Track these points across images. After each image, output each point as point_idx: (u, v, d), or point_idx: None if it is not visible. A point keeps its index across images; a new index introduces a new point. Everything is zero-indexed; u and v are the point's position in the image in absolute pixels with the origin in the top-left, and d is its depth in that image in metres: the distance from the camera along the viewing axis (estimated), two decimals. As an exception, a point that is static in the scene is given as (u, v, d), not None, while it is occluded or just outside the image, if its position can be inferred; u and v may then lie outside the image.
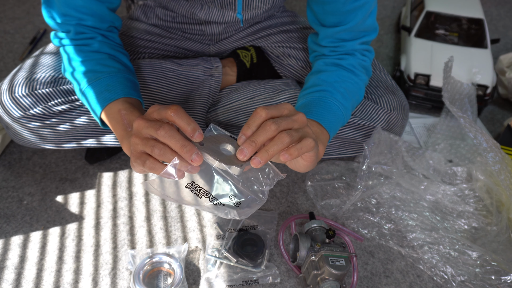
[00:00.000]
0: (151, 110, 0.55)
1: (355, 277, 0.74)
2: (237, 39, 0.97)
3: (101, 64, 0.73)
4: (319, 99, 0.73)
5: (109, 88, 0.70)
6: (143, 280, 0.73)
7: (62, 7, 0.72)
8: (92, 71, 0.72)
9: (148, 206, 0.88)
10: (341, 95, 0.74)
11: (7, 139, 0.97)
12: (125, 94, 0.70)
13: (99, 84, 0.70)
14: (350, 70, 0.79)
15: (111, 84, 0.70)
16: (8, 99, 0.77)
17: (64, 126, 0.81)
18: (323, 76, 0.77)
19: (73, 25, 0.73)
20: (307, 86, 0.78)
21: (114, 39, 0.78)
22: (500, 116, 1.21)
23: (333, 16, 0.76)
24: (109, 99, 0.68)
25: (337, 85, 0.75)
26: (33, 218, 0.84)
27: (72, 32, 0.73)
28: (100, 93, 0.70)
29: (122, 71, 0.74)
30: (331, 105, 0.72)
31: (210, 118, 0.94)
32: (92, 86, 0.70)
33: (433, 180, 0.91)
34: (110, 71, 0.72)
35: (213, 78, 0.92)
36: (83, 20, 0.73)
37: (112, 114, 0.68)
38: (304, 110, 0.72)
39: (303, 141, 0.55)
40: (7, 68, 1.24)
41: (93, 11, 0.73)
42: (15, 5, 1.52)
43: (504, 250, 0.80)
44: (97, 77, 0.71)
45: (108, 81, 0.71)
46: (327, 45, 0.80)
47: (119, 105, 0.68)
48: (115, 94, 0.69)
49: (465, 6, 1.30)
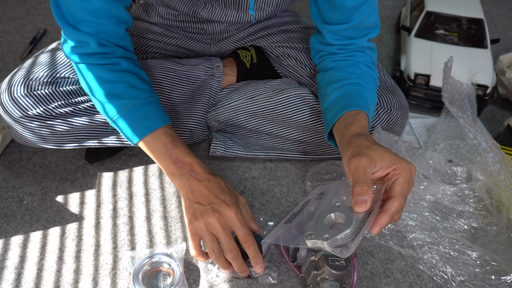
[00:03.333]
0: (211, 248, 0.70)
1: (355, 277, 0.74)
2: (237, 39, 0.97)
3: (133, 87, 0.73)
4: (356, 91, 0.74)
5: (147, 116, 0.72)
6: (143, 280, 0.73)
7: (79, 12, 0.68)
8: (129, 96, 0.72)
9: (148, 206, 0.88)
10: (371, 88, 0.76)
11: (7, 139, 0.97)
12: (163, 121, 0.73)
13: (137, 112, 0.71)
14: (366, 65, 0.79)
15: (149, 112, 0.72)
16: (7, 99, 0.77)
17: (65, 127, 0.81)
18: (349, 69, 0.78)
19: (92, 36, 0.70)
20: (336, 80, 0.77)
21: (132, 56, 0.78)
22: (500, 116, 1.21)
23: (339, 13, 0.76)
24: (150, 128, 0.72)
25: (366, 77, 0.77)
26: (33, 218, 0.84)
27: (93, 45, 0.70)
28: (139, 121, 0.71)
29: (153, 93, 0.75)
30: (368, 98, 0.74)
31: (210, 118, 0.94)
32: (128, 114, 0.71)
33: (433, 180, 0.91)
34: (146, 96, 0.73)
35: (214, 78, 0.92)
36: (101, 25, 0.70)
37: (156, 147, 0.72)
38: (346, 102, 0.72)
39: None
40: (7, 68, 1.24)
41: (110, 12, 0.70)
42: (15, 5, 1.52)
43: (504, 250, 0.80)
44: (135, 104, 0.72)
45: (146, 108, 0.72)
46: (335, 43, 0.80)
47: (163, 138, 0.72)
48: (155, 123, 0.72)
49: (465, 6, 1.30)
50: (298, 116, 0.89)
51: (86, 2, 0.67)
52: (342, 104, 0.72)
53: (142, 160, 0.97)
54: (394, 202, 0.57)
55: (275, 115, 0.90)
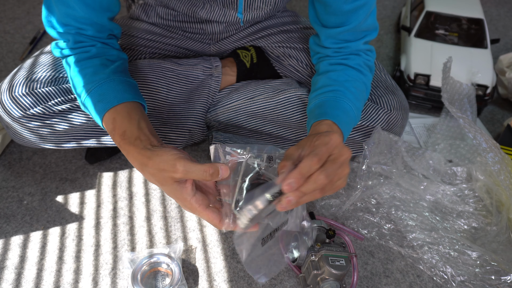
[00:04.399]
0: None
1: (355, 277, 0.74)
2: (237, 39, 0.97)
3: (94, 73, 0.71)
4: (333, 99, 0.72)
5: (102, 98, 0.68)
6: (141, 280, 0.73)
7: (63, 17, 0.71)
8: (87, 82, 0.70)
9: (148, 206, 0.88)
10: (353, 95, 0.74)
11: (7, 139, 0.97)
12: (118, 100, 0.68)
13: (92, 96, 0.69)
14: (357, 70, 0.78)
15: (104, 93, 0.68)
16: (8, 99, 0.77)
17: (64, 125, 0.81)
18: (333, 76, 0.77)
19: (72, 34, 0.72)
20: (318, 87, 0.77)
21: (113, 45, 0.77)
22: (500, 116, 1.21)
23: (335, 17, 0.76)
24: (104, 110, 0.67)
25: (348, 84, 0.75)
26: (33, 218, 0.84)
27: (71, 41, 0.72)
28: (95, 106, 0.68)
29: (115, 74, 0.71)
30: (345, 105, 0.72)
31: (210, 118, 0.94)
32: (86, 101, 0.69)
33: (433, 180, 0.91)
34: (100, 78, 0.70)
35: (213, 78, 0.92)
36: (83, 30, 0.72)
37: (110, 134, 0.67)
38: (319, 111, 0.71)
39: (340, 183, 0.56)
40: (7, 68, 1.24)
41: (93, 21, 0.71)
42: (15, 5, 1.52)
43: (504, 250, 0.80)
44: (89, 90, 0.69)
45: (100, 90, 0.69)
46: (331, 46, 0.80)
47: (108, 123, 0.67)
48: (107, 104, 0.67)
49: (465, 6, 1.30)
50: (298, 116, 0.89)
51: (70, 9, 0.69)
52: (315, 113, 0.72)
53: (142, 160, 0.97)
54: (304, 159, 0.53)
55: (275, 115, 0.90)
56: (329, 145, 0.55)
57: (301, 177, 0.53)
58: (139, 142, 0.63)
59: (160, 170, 0.58)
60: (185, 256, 0.79)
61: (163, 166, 0.58)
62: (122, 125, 0.65)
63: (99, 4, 0.71)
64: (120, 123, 0.66)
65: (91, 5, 0.70)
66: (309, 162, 0.53)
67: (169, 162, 0.57)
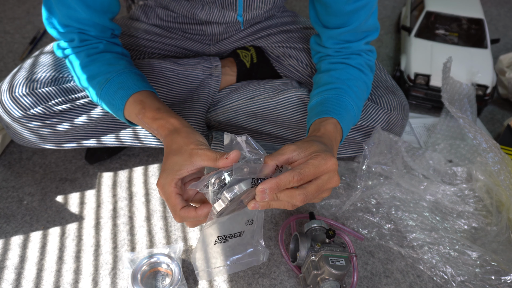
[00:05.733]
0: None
1: (355, 277, 0.74)
2: (237, 39, 0.97)
3: (107, 64, 0.73)
4: (335, 97, 0.73)
5: (122, 86, 0.70)
6: (141, 281, 0.73)
7: (64, 19, 0.71)
8: (103, 73, 0.72)
9: (148, 206, 0.88)
10: (355, 94, 0.75)
11: (7, 139, 0.97)
12: (139, 87, 0.70)
13: (111, 85, 0.70)
14: (359, 69, 0.79)
15: (123, 81, 0.70)
16: (8, 99, 0.77)
17: (64, 125, 0.81)
18: (335, 74, 0.77)
19: (76, 33, 0.73)
20: (321, 84, 0.77)
21: (117, 43, 0.79)
22: (500, 116, 1.21)
23: (336, 18, 0.76)
24: (126, 96, 0.69)
25: (350, 83, 0.76)
26: (33, 218, 0.84)
27: (76, 40, 0.73)
28: (114, 94, 0.70)
29: (130, 66, 0.74)
30: (347, 103, 0.72)
31: (210, 118, 0.94)
32: (104, 90, 0.71)
33: (433, 180, 0.91)
34: (119, 69, 0.72)
35: (213, 78, 0.92)
36: (86, 31, 0.73)
37: (135, 119, 0.69)
38: (321, 108, 0.71)
39: (314, 200, 0.58)
40: (7, 68, 1.24)
41: (95, 22, 0.73)
42: (15, 5, 1.52)
43: (504, 250, 0.80)
44: (107, 79, 0.71)
45: (119, 79, 0.71)
46: (332, 47, 0.80)
47: (134, 107, 0.68)
48: (129, 90, 0.69)
49: (465, 6, 1.30)
50: (298, 116, 0.89)
51: (71, 10, 0.70)
52: (317, 110, 0.72)
53: (142, 160, 0.97)
54: (288, 173, 0.54)
55: (275, 115, 0.90)
56: (322, 169, 0.55)
57: (276, 188, 0.53)
58: (188, 127, 0.63)
59: (175, 163, 0.59)
60: (185, 256, 0.79)
61: (178, 167, 0.58)
62: (152, 104, 0.68)
63: (100, 5, 0.71)
64: (151, 102, 0.68)
65: (92, 6, 0.70)
66: (289, 178, 0.53)
67: (186, 166, 0.58)
